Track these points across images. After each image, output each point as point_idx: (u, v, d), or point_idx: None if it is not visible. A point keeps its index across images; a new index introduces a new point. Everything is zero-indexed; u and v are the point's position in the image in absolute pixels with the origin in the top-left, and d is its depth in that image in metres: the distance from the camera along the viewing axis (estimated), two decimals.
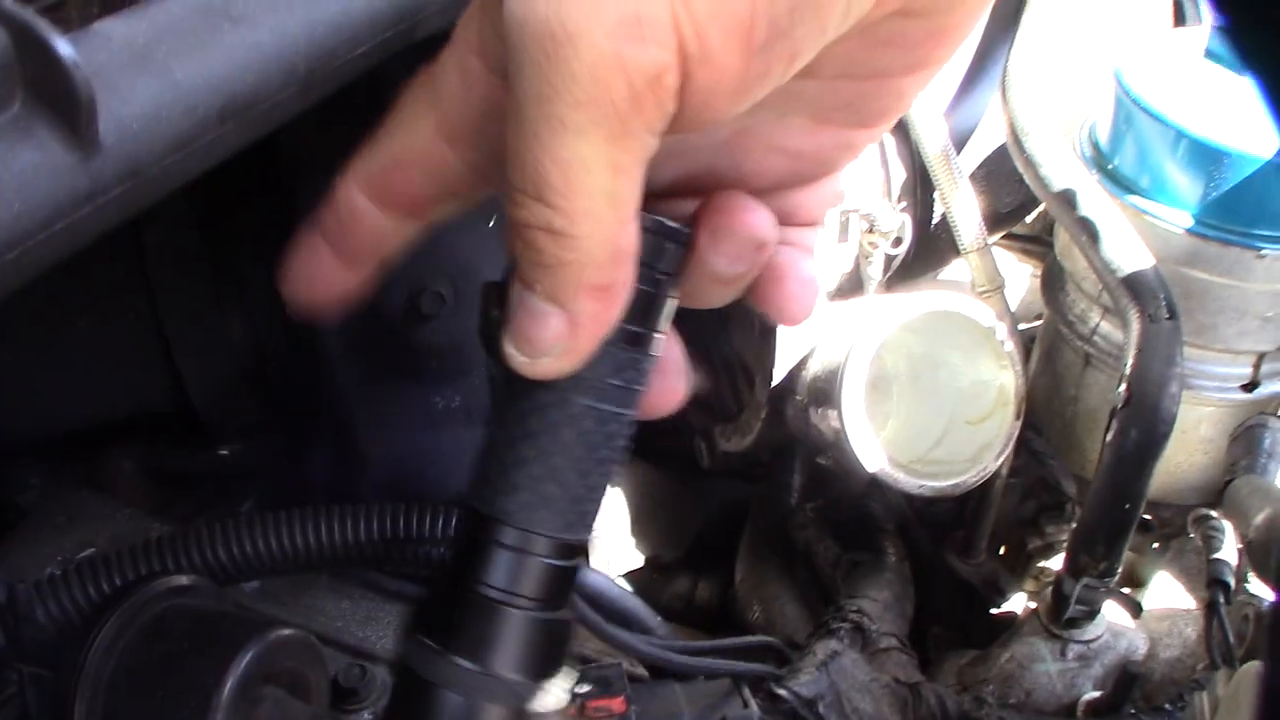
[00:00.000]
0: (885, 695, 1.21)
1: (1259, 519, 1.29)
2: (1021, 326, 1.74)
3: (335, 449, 1.42)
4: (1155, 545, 1.66)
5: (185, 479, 1.64)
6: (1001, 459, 1.47)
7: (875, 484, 1.60)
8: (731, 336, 1.63)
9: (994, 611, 1.68)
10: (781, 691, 1.15)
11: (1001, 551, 1.74)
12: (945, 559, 1.66)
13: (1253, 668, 0.96)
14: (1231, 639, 1.27)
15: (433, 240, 1.29)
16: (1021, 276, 2.05)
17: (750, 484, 1.81)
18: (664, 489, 1.85)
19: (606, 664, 1.15)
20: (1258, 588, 1.40)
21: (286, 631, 0.95)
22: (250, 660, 0.91)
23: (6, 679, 1.10)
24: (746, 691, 1.13)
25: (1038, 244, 2.04)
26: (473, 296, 1.33)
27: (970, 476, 1.43)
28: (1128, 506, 1.34)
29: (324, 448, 1.47)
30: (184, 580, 1.02)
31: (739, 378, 1.65)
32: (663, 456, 1.91)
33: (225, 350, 1.46)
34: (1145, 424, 1.31)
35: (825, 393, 1.44)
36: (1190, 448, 1.62)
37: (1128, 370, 1.34)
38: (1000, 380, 1.46)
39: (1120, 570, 1.62)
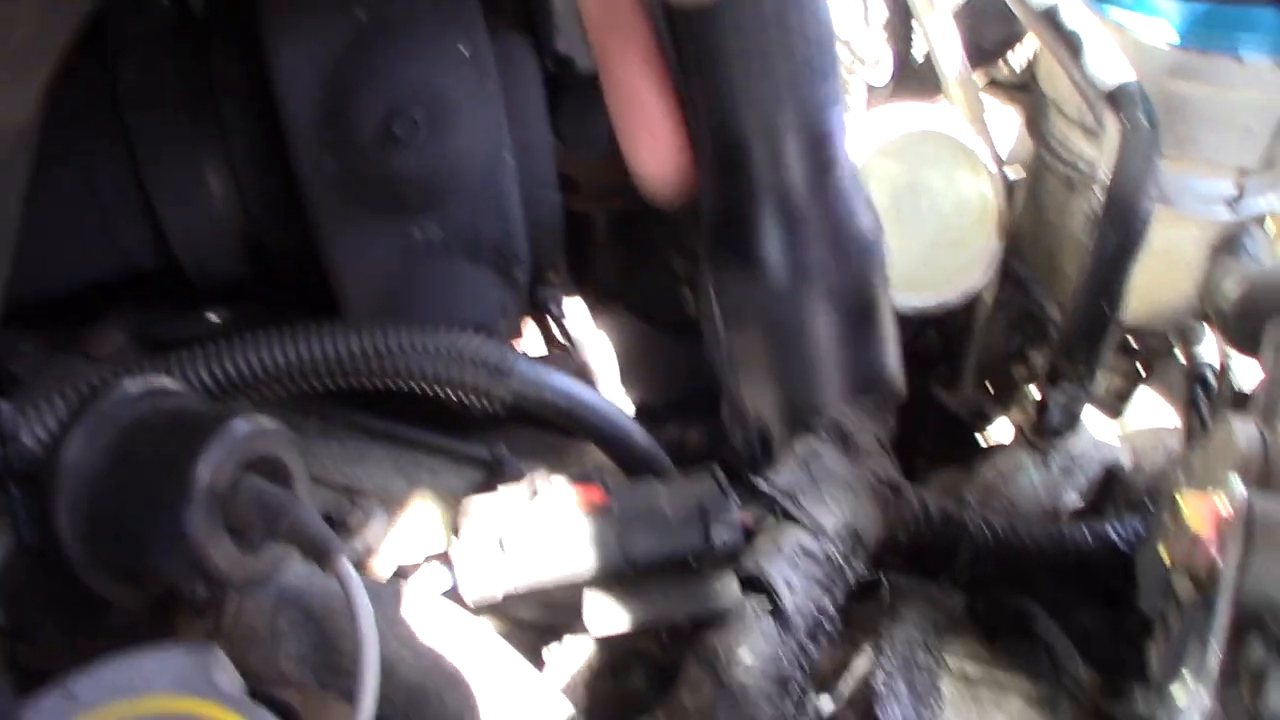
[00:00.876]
0: (866, 492, 1.22)
1: (1232, 289, 1.30)
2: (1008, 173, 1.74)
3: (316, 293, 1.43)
4: (1140, 368, 1.67)
5: (176, 346, 1.65)
6: (985, 277, 1.47)
7: None
8: None
9: (981, 443, 1.70)
10: (760, 483, 1.17)
11: (988, 386, 1.75)
12: (930, 391, 1.67)
13: (1233, 418, 0.97)
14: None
15: (406, 65, 1.30)
16: (1008, 124, 2.04)
17: None
18: (652, 342, 1.86)
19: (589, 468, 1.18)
20: None
21: (263, 421, 0.96)
22: (226, 443, 0.93)
23: None
24: (722, 479, 1.15)
25: (1024, 91, 2.03)
26: (447, 122, 1.33)
27: (953, 293, 1.43)
28: (1106, 309, 1.35)
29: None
30: (164, 382, 1.04)
31: None
32: (649, 309, 1.92)
33: (205, 200, 1.46)
34: (1122, 223, 1.31)
35: None
36: (1173, 270, 1.62)
37: (1107, 178, 1.34)
38: (981, 198, 1.46)
39: (1103, 386, 1.65)
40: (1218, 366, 1.46)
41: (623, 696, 1.23)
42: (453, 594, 1.12)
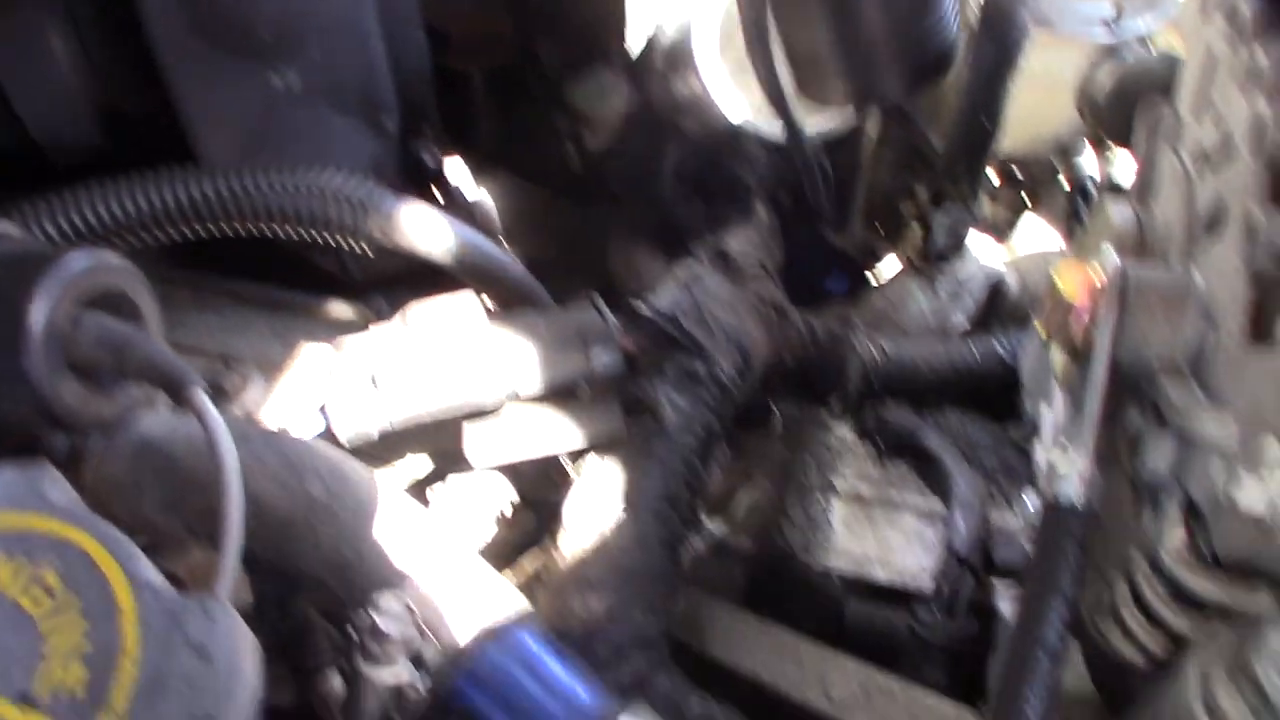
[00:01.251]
0: (750, 313, 1.21)
1: (1105, 80, 1.30)
2: None
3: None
4: (1025, 196, 1.67)
5: None
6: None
7: (742, 154, 1.59)
8: (582, 11, 1.57)
9: (873, 282, 1.69)
10: (640, 306, 1.14)
11: (878, 226, 1.73)
12: (819, 231, 1.66)
13: (1109, 199, 0.96)
14: None
15: None
16: None
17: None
18: (538, 200, 1.81)
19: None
20: None
21: (103, 253, 0.91)
22: (61, 277, 0.87)
23: None
24: (602, 306, 1.12)
25: None
26: None
27: (832, 123, 1.41)
28: (985, 124, 1.34)
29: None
30: (4, 227, 0.97)
31: (596, 57, 1.60)
32: (534, 169, 1.87)
33: (51, 64, 1.38)
34: (999, 35, 1.29)
35: (682, 51, 1.40)
36: (1053, 94, 1.61)
37: None
38: None
39: (990, 214, 1.65)
40: (1098, 178, 1.46)
41: (513, 538, 1.21)
42: (328, 436, 1.08)
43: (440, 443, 1.29)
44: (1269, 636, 0.71)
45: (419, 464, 1.23)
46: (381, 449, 1.23)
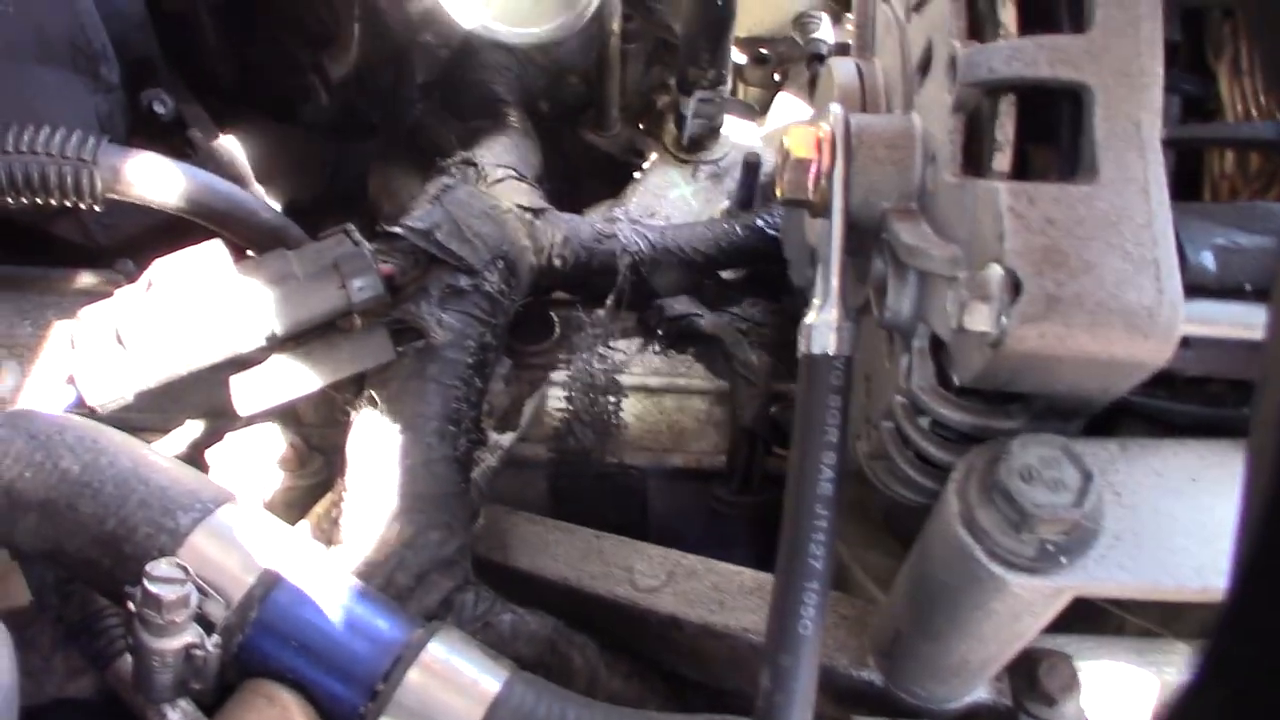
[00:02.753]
0: (509, 220, 1.19)
1: None
2: None
3: None
4: (775, 76, 1.69)
5: None
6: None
7: (493, 67, 1.55)
8: None
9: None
10: (394, 229, 1.11)
11: (638, 124, 1.73)
12: (582, 136, 1.64)
13: (834, 59, 0.98)
14: None
15: None
16: None
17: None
18: (287, 140, 1.74)
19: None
20: None
21: None
22: None
23: None
24: (356, 235, 1.09)
25: None
26: None
27: (569, 16, 1.38)
28: (720, 5, 1.34)
29: None
30: None
31: None
32: (279, 106, 1.79)
33: None
34: None
35: None
36: None
37: None
38: None
39: (743, 95, 1.66)
40: (833, 42, 1.49)
41: (305, 485, 1.18)
42: (81, 407, 1.03)
43: (212, 401, 1.24)
44: (1014, 450, 0.74)
45: (194, 427, 1.18)
46: (150, 416, 1.18)
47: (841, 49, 1.36)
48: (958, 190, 0.78)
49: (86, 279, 1.35)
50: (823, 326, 0.82)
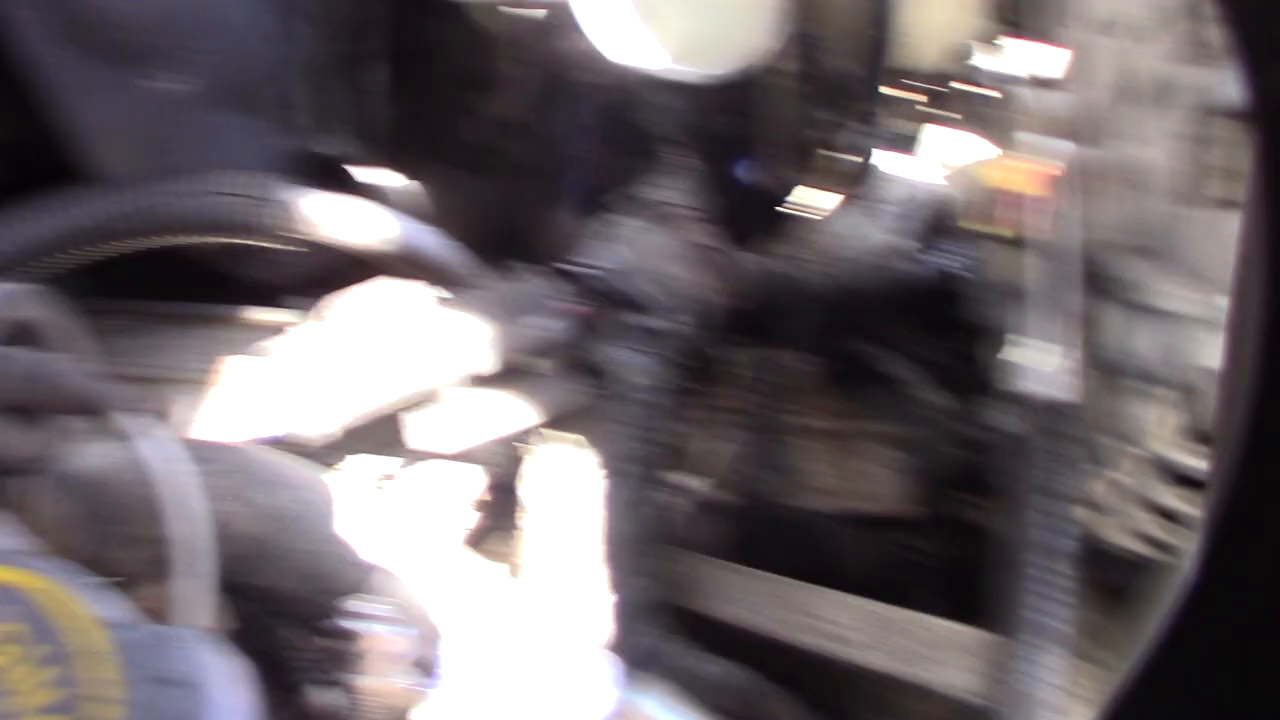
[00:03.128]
0: (694, 260, 1.16)
1: None
2: None
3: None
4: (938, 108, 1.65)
5: None
6: (774, 32, 1.42)
7: (656, 105, 1.55)
8: None
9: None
10: (579, 268, 1.10)
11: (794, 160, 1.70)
12: (738, 172, 1.63)
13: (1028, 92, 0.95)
14: None
15: None
16: None
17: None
18: (447, 179, 1.76)
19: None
20: None
21: (15, 286, 0.85)
22: None
23: None
24: (537, 274, 1.08)
25: None
26: None
27: (745, 59, 1.37)
28: (880, 40, 1.32)
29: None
30: None
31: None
32: (436, 146, 1.81)
33: None
34: None
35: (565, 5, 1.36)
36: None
37: None
38: None
39: (907, 129, 1.62)
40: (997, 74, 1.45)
41: (488, 523, 1.17)
42: (280, 442, 1.03)
43: (396, 436, 1.25)
44: None
45: (379, 462, 1.19)
46: (333, 451, 1.18)
47: (1020, 79, 1.32)
48: (1190, 225, 0.74)
49: (259, 315, 1.37)
50: (1043, 368, 0.79)
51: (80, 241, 1.06)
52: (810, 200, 1.52)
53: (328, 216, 1.14)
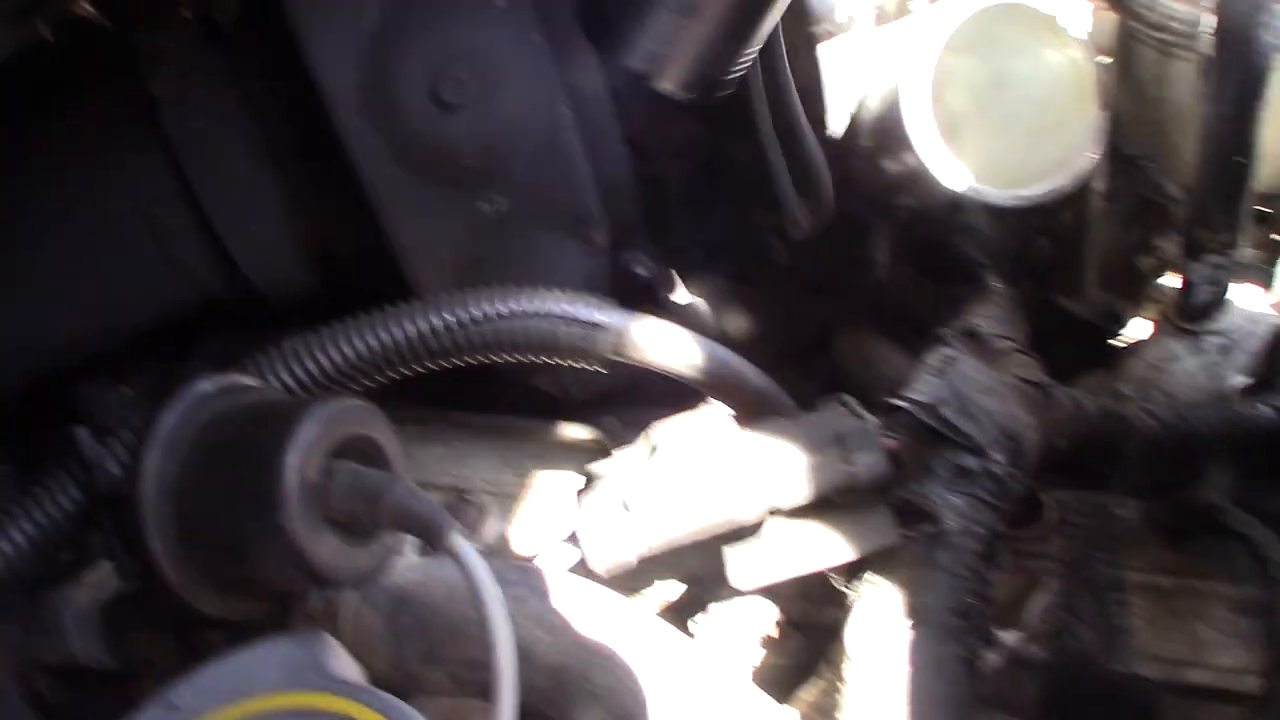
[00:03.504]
0: (1014, 395, 1.10)
1: None
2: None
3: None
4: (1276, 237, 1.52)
5: None
6: (1095, 154, 1.35)
7: (964, 228, 1.50)
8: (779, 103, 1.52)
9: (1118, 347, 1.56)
10: (898, 402, 1.05)
11: (1113, 285, 1.61)
12: (1052, 299, 1.54)
13: None
14: None
15: (442, 26, 1.21)
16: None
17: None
18: (747, 299, 1.75)
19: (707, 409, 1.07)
20: None
21: (349, 400, 0.88)
22: (313, 427, 0.84)
23: (91, 536, 1.06)
24: (856, 406, 1.04)
25: None
26: (494, 80, 1.25)
27: (1064, 179, 1.31)
28: (1238, 160, 1.22)
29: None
30: (241, 380, 0.96)
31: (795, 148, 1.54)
32: (737, 265, 1.81)
33: (264, 209, 1.40)
34: (1239, 60, 1.18)
35: (890, 125, 1.33)
36: None
37: (1211, 23, 1.22)
38: (1075, 69, 1.34)
39: (1243, 242, 1.50)
40: None
41: (783, 664, 1.12)
42: (582, 569, 1.02)
43: (691, 567, 1.22)
44: None
45: (671, 590, 1.16)
46: (631, 578, 1.17)
47: None
48: None
49: (568, 431, 1.39)
50: None
51: (405, 358, 1.09)
52: (1138, 331, 1.43)
53: (648, 340, 1.14)
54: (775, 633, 1.10)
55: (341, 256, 1.50)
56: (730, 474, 1.00)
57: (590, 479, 1.04)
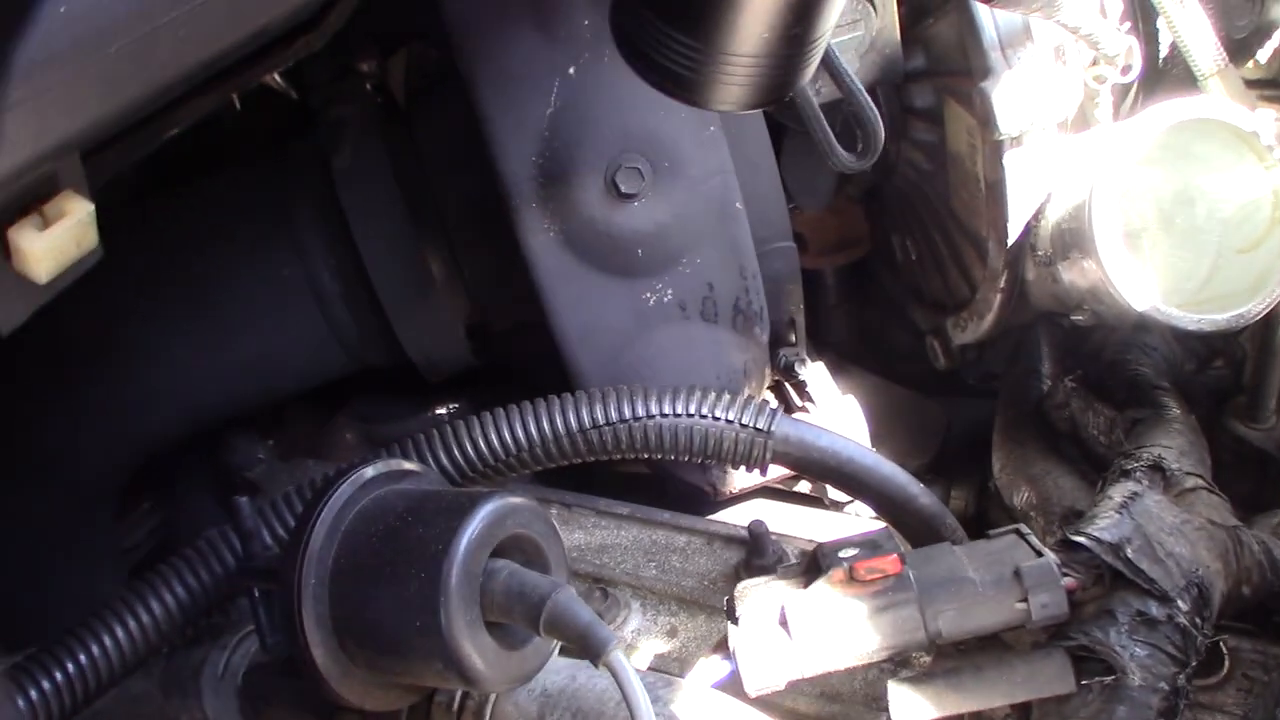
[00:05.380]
0: (1201, 538, 1.03)
1: None
2: None
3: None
4: None
5: None
6: None
7: (1140, 346, 1.43)
8: (952, 208, 1.48)
9: None
10: (1079, 539, 0.99)
11: None
12: (1229, 426, 1.46)
13: None
14: None
15: (621, 114, 1.21)
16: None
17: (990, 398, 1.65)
18: (901, 400, 1.71)
19: (873, 530, 1.03)
20: None
21: (515, 499, 0.86)
22: (480, 525, 0.83)
23: (239, 603, 1.06)
24: (1034, 539, 0.98)
25: (1276, 88, 1.81)
26: (671, 170, 1.24)
27: (1254, 306, 1.24)
28: None
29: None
30: (403, 465, 0.95)
31: (966, 253, 1.50)
32: (892, 367, 1.77)
33: (429, 286, 1.41)
34: None
35: (1074, 235, 1.28)
36: None
37: None
38: (1272, 192, 1.26)
39: None
40: None
41: None
42: (729, 685, 0.98)
43: (835, 685, 1.17)
44: None
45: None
46: (778, 699, 1.12)
47: None
48: None
49: (711, 526, 1.35)
50: None
51: (565, 451, 1.08)
52: None
53: (814, 449, 1.11)
54: None
55: (495, 333, 1.50)
56: (896, 605, 0.95)
57: (750, 594, 0.99)
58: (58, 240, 0.64)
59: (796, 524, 1.44)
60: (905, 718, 0.94)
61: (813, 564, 1.00)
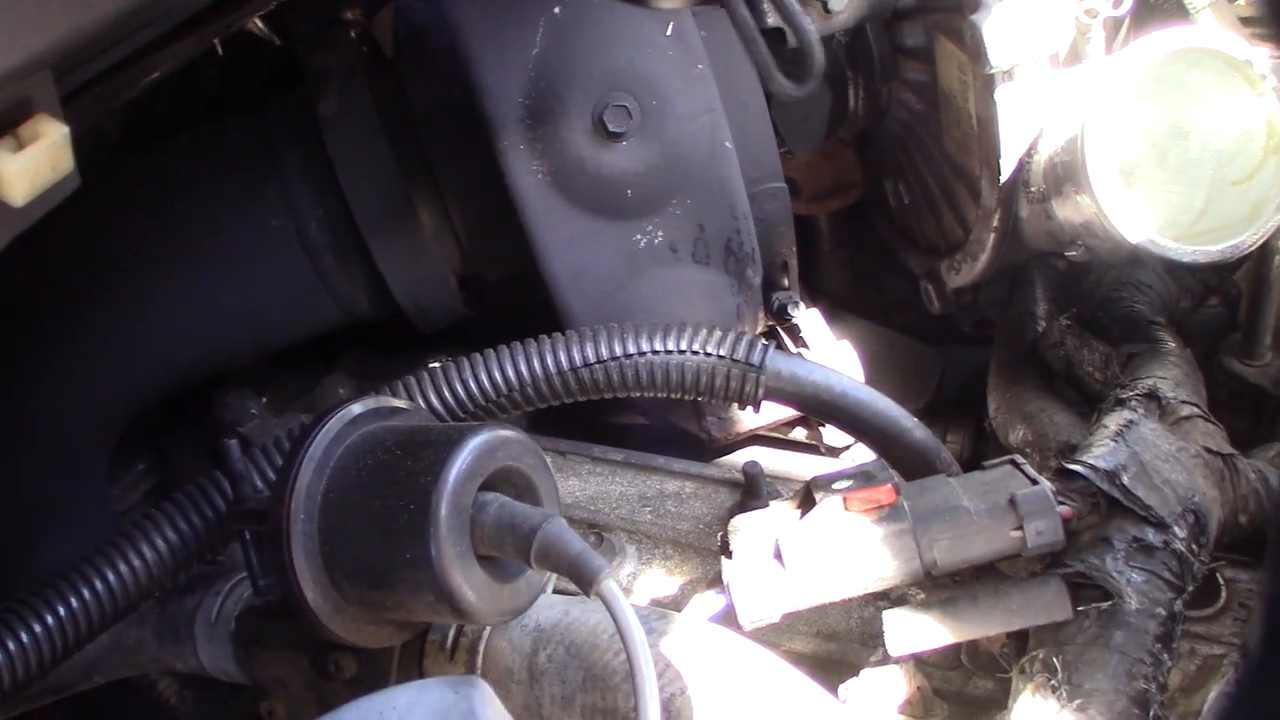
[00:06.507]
0: (1198, 466, 1.03)
1: None
2: None
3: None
4: None
5: None
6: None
7: (1135, 284, 1.42)
8: (945, 148, 1.47)
9: None
10: (1075, 467, 0.99)
11: None
12: (1225, 364, 1.45)
13: None
14: None
15: (608, 53, 1.19)
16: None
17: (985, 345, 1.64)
18: (896, 345, 1.70)
19: (867, 462, 1.02)
20: None
21: (505, 431, 0.85)
22: (469, 457, 0.82)
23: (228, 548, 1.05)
24: (1029, 469, 0.97)
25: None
26: (659, 109, 1.22)
27: (1248, 236, 1.22)
28: None
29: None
30: (392, 402, 0.94)
31: (959, 194, 1.48)
32: (886, 312, 1.76)
33: (419, 235, 1.40)
34: None
35: (1067, 169, 1.27)
36: None
37: None
38: (1266, 122, 1.25)
39: None
40: None
41: None
42: (724, 619, 0.98)
43: (831, 623, 1.17)
44: None
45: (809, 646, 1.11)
46: (774, 636, 1.12)
47: None
48: None
49: (708, 472, 1.35)
50: None
51: (557, 390, 1.07)
52: None
53: (806, 384, 1.10)
54: (917, 701, 1.03)
55: (486, 281, 1.49)
56: (891, 535, 0.94)
57: (743, 528, 0.99)
58: (33, 162, 0.63)
59: (792, 468, 1.44)
60: (900, 646, 0.93)
61: (807, 496, 0.99)
